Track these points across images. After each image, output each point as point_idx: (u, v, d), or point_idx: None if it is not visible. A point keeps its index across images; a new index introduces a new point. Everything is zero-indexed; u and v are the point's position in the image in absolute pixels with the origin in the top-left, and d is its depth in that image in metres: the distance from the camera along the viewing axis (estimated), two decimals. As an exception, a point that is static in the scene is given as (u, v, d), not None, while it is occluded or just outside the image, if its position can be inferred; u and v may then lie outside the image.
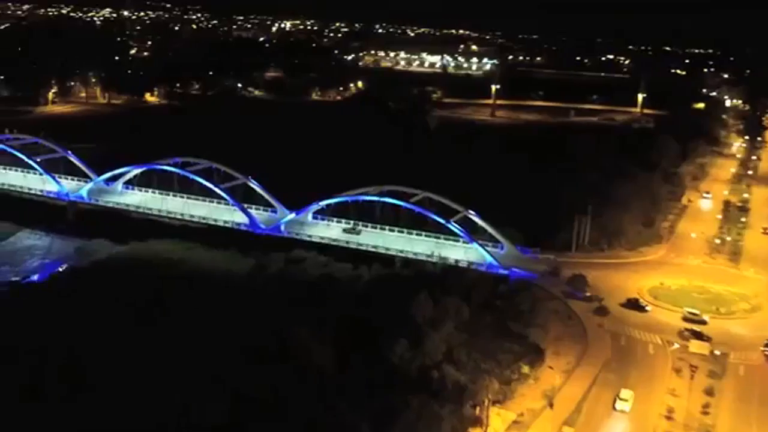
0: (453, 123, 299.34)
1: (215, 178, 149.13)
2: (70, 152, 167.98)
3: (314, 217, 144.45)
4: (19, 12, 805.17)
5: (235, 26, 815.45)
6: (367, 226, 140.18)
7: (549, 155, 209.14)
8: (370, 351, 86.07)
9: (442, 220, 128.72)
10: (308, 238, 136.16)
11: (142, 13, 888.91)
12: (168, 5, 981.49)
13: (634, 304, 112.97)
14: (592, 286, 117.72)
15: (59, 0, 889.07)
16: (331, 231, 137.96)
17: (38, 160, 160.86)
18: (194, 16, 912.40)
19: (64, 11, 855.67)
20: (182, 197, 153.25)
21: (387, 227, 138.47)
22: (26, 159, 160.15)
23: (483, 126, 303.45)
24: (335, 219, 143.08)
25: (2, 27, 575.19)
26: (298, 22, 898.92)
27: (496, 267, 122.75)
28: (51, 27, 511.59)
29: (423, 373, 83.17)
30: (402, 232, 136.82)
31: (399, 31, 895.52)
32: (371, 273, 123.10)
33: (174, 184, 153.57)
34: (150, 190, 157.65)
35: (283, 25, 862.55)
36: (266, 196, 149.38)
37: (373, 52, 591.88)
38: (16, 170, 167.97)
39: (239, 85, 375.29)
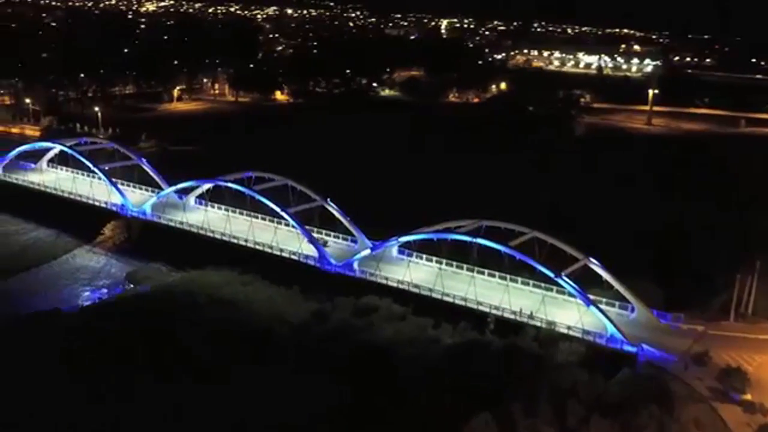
0: (601, 131, 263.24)
1: (291, 198, 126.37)
2: (143, 159, 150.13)
3: (400, 252, 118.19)
4: (191, 10, 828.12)
5: (391, 24, 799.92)
6: (461, 268, 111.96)
7: (707, 181, 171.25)
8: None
9: (550, 273, 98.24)
10: (384, 281, 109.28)
11: (304, 11, 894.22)
12: (331, 3, 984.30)
13: None
14: (756, 381, 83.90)
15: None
16: (415, 273, 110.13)
17: (106, 168, 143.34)
18: (353, 14, 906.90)
19: (232, 9, 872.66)
20: (255, 217, 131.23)
21: (486, 271, 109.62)
22: (91, 165, 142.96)
23: (635, 135, 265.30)
24: (424, 256, 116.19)
25: (169, 22, 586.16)
26: (455, 20, 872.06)
27: (620, 341, 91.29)
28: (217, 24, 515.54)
29: None
30: (504, 278, 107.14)
31: (558, 30, 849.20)
32: (454, 337, 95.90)
33: (246, 202, 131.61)
34: (224, 208, 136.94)
35: (439, 24, 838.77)
36: (346, 222, 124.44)
37: (525, 51, 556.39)
38: (87, 176, 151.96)
39: (374, 84, 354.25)
